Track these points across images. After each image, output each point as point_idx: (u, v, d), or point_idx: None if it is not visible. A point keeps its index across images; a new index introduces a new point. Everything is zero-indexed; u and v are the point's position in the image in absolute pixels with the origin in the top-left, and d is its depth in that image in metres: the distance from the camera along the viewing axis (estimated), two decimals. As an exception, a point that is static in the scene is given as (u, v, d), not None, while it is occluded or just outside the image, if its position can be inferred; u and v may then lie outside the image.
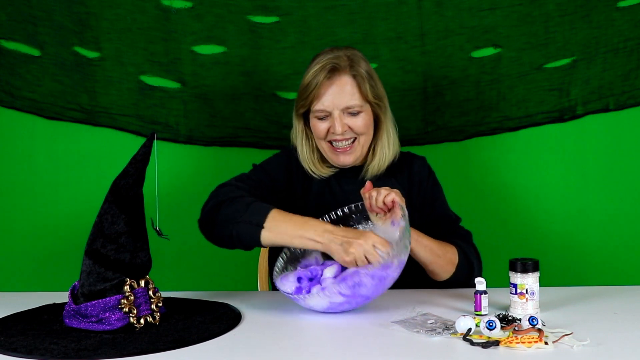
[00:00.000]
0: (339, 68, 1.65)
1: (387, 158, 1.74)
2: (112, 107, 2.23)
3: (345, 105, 1.65)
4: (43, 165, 2.25)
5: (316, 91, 1.65)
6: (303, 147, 1.76)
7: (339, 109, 1.65)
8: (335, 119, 1.66)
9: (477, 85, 2.20)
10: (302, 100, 1.69)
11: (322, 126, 1.68)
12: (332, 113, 1.66)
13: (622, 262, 2.21)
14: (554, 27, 2.16)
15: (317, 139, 1.73)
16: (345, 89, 1.65)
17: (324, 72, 1.64)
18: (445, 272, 1.63)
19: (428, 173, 1.80)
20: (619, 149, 2.20)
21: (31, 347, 1.21)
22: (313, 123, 1.70)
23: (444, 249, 1.62)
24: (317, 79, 1.64)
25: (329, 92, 1.65)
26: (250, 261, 2.01)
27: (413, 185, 1.77)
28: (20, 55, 2.21)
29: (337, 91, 1.65)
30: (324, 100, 1.65)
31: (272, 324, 1.36)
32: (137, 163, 1.35)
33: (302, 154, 1.76)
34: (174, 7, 2.17)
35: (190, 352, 1.18)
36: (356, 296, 1.36)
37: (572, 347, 1.15)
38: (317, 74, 1.65)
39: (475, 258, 1.68)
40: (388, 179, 1.75)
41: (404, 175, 1.78)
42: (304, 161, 1.76)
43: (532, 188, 2.23)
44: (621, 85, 2.18)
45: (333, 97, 1.65)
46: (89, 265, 1.32)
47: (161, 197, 1.42)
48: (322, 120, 1.68)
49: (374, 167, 1.74)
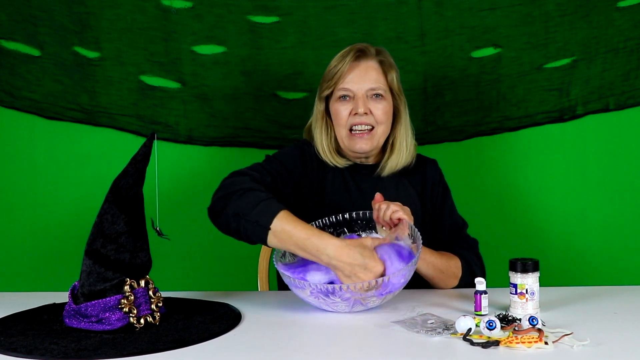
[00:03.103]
0: (367, 53, 1.70)
1: (404, 155, 1.74)
2: (112, 107, 2.23)
3: (370, 86, 1.67)
4: (43, 165, 2.25)
5: (342, 70, 1.68)
6: (322, 133, 1.74)
7: (363, 90, 1.67)
8: (359, 98, 1.67)
9: (477, 85, 2.20)
10: (327, 81, 1.71)
11: (344, 108, 1.68)
12: (356, 94, 1.67)
13: (622, 262, 2.21)
14: (554, 27, 2.16)
15: (337, 126, 1.71)
16: (371, 73, 1.69)
17: (351, 55, 1.69)
18: (447, 286, 1.64)
19: (439, 177, 1.81)
20: (619, 149, 2.20)
21: (31, 347, 1.21)
22: (335, 107, 1.71)
23: (447, 264, 1.62)
24: (345, 61, 1.68)
25: (355, 73, 1.68)
26: (250, 261, 2.01)
27: (426, 189, 1.77)
28: (20, 55, 2.21)
29: (363, 73, 1.68)
30: (349, 80, 1.68)
31: (272, 324, 1.36)
32: (137, 163, 1.35)
33: (319, 139, 1.74)
34: (174, 7, 2.17)
35: (190, 352, 1.18)
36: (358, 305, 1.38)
37: (572, 347, 1.15)
38: (344, 56, 1.69)
39: (479, 268, 1.68)
40: (401, 179, 1.75)
41: (416, 177, 1.78)
42: (319, 146, 1.74)
43: (532, 188, 2.23)
44: (621, 85, 2.18)
45: (359, 77, 1.68)
46: (89, 265, 1.32)
47: (161, 197, 1.41)
48: (344, 101, 1.68)
49: (392, 162, 1.73)
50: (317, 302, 1.38)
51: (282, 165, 1.68)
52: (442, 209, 1.77)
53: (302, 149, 1.76)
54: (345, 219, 1.60)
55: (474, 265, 1.67)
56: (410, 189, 1.75)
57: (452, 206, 1.79)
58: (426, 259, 1.58)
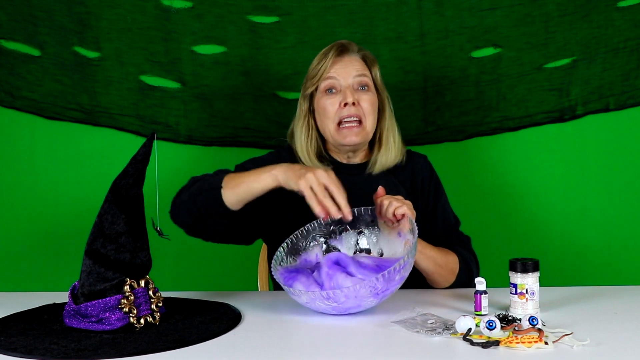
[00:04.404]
0: (349, 49, 1.71)
1: (394, 150, 1.74)
2: (112, 107, 2.23)
3: (356, 74, 1.68)
4: (43, 165, 2.25)
5: (326, 65, 1.68)
6: (302, 134, 1.73)
7: (349, 80, 1.68)
8: (346, 89, 1.67)
9: (477, 85, 2.20)
10: (310, 79, 1.71)
11: (332, 101, 1.67)
12: (342, 85, 1.67)
13: (622, 262, 2.21)
14: (554, 27, 2.16)
15: (325, 120, 1.69)
16: (356, 64, 1.70)
17: (334, 51, 1.69)
18: (445, 282, 1.64)
19: (430, 173, 1.79)
20: (619, 149, 2.20)
21: (31, 347, 1.21)
22: (322, 102, 1.69)
23: (446, 259, 1.62)
24: (328, 57, 1.69)
25: (339, 65, 1.69)
26: (250, 261, 2.01)
27: (416, 184, 1.76)
28: (20, 55, 2.21)
29: (348, 65, 1.69)
30: (335, 72, 1.68)
31: (272, 324, 1.36)
32: (137, 163, 1.35)
33: (300, 139, 1.73)
34: (174, 7, 2.17)
35: (190, 352, 1.18)
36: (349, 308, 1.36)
37: (572, 347, 1.15)
38: (326, 53, 1.70)
39: (475, 265, 1.68)
40: (390, 178, 1.74)
41: (406, 172, 1.77)
42: (299, 147, 1.72)
43: (532, 188, 2.23)
44: (621, 85, 2.18)
45: (343, 69, 1.68)
46: (89, 265, 1.32)
47: (161, 197, 1.41)
48: (331, 95, 1.68)
49: (383, 158, 1.73)
50: (317, 307, 1.37)
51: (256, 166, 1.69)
52: (435, 206, 1.76)
53: (280, 156, 1.74)
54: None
55: (470, 261, 1.67)
56: (400, 187, 1.73)
57: (445, 203, 1.78)
58: (426, 253, 1.58)
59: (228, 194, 1.48)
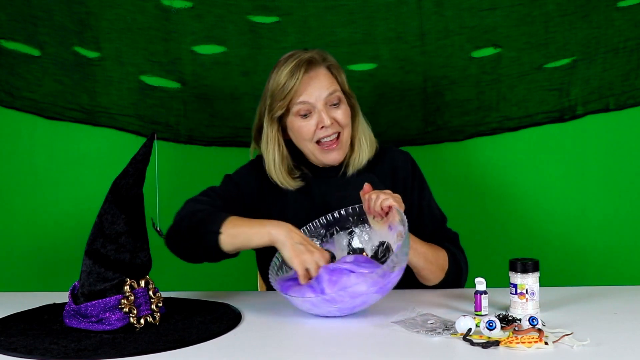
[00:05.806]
0: (314, 61, 1.65)
1: (365, 150, 1.72)
2: (112, 107, 2.23)
3: (327, 92, 1.64)
4: (43, 165, 2.24)
5: (296, 87, 1.63)
6: (275, 155, 1.69)
7: (321, 100, 1.64)
8: (321, 110, 1.63)
9: (477, 85, 2.20)
10: (279, 101, 1.65)
11: (308, 124, 1.64)
12: (316, 106, 1.64)
13: (622, 262, 2.21)
14: (554, 27, 2.16)
15: (302, 141, 1.67)
16: (324, 81, 1.65)
17: (301, 68, 1.63)
18: (435, 278, 1.63)
19: (412, 169, 1.77)
20: (619, 149, 2.20)
21: (31, 347, 1.21)
22: (296, 125, 1.66)
23: (436, 255, 1.62)
24: (296, 76, 1.62)
25: (311, 86, 1.64)
26: (250, 261, 2.01)
27: (397, 181, 1.74)
28: (20, 55, 2.21)
29: (317, 84, 1.64)
30: (307, 94, 1.63)
31: (272, 324, 1.36)
32: (137, 163, 1.35)
33: (271, 163, 1.69)
34: (174, 7, 2.17)
35: (190, 352, 1.18)
36: (355, 306, 1.36)
37: (572, 347, 1.15)
38: (294, 71, 1.63)
39: (463, 262, 1.68)
40: (368, 173, 1.73)
41: (384, 168, 1.75)
42: (272, 171, 1.69)
43: (532, 188, 2.23)
44: (621, 85, 2.18)
45: (314, 89, 1.63)
46: (89, 265, 1.32)
47: (161, 197, 1.42)
48: (305, 118, 1.65)
49: (355, 161, 1.71)
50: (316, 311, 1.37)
51: (234, 185, 1.71)
52: (421, 204, 1.74)
53: (260, 166, 1.73)
54: (336, 218, 1.59)
55: (459, 258, 1.67)
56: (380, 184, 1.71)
57: (430, 200, 1.76)
58: (417, 248, 1.57)
59: (226, 242, 1.48)
